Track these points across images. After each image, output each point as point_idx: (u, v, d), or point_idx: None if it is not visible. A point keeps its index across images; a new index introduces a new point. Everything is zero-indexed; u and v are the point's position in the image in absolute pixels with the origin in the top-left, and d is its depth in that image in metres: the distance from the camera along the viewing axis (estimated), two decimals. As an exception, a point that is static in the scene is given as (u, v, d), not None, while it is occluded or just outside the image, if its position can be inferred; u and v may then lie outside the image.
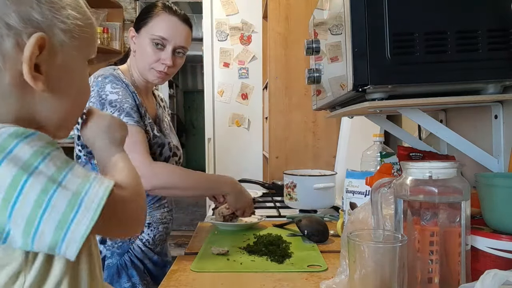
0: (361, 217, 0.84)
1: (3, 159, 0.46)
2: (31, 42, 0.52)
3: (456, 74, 0.83)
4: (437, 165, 0.69)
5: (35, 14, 0.53)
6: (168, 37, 1.24)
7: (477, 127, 1.08)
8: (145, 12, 1.27)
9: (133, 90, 1.24)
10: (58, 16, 0.56)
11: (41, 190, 0.47)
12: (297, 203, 1.60)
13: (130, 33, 1.30)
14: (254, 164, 3.34)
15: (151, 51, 1.24)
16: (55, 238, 0.48)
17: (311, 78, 1.18)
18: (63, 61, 0.57)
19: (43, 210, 0.47)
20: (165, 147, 1.29)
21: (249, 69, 3.36)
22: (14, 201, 0.46)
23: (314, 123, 2.28)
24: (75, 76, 0.61)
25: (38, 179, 0.47)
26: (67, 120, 0.62)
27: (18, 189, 0.46)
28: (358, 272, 0.66)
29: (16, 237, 0.47)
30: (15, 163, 0.47)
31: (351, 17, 0.83)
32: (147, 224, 1.27)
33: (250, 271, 0.97)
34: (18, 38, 0.52)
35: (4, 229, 0.47)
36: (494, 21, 0.82)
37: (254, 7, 3.30)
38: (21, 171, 0.47)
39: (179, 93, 8.28)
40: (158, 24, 1.24)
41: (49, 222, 0.47)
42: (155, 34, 1.23)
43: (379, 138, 1.34)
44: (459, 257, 0.68)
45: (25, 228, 0.47)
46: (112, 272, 1.20)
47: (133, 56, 1.29)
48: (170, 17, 1.25)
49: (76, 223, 0.48)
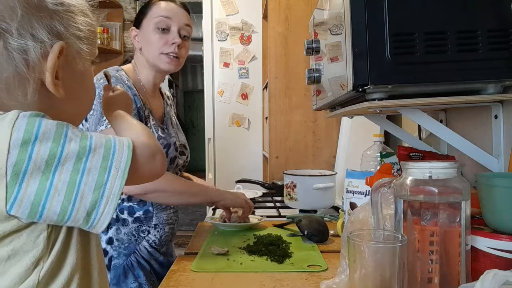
0: (361, 217, 0.84)
1: (36, 138, 0.49)
2: (54, 51, 0.54)
3: (456, 74, 0.83)
4: (437, 165, 0.69)
5: (57, 24, 0.55)
6: (171, 16, 1.27)
7: (477, 127, 1.08)
8: (142, 8, 1.31)
9: (135, 93, 1.24)
10: (75, 25, 0.58)
11: (77, 157, 0.51)
12: (297, 203, 1.60)
13: (132, 32, 1.31)
14: (254, 164, 3.34)
15: (158, 36, 1.26)
16: (94, 198, 0.52)
17: (311, 78, 1.18)
18: (78, 67, 0.60)
19: (80, 175, 0.51)
20: (170, 148, 1.29)
21: (249, 69, 3.36)
22: (53, 172, 0.50)
23: (314, 123, 2.28)
24: (87, 79, 0.64)
25: (70, 147, 0.51)
26: (76, 119, 0.66)
27: (56, 160, 0.50)
28: (358, 272, 0.66)
29: (55, 207, 0.50)
30: (47, 138, 0.50)
31: (351, 17, 0.83)
32: (154, 225, 1.27)
33: (250, 271, 0.97)
34: (43, 48, 0.54)
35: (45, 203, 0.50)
36: (494, 21, 0.82)
37: (254, 7, 3.30)
38: (54, 143, 0.50)
39: (179, 93, 8.28)
40: (158, 8, 1.27)
41: (88, 184, 0.51)
42: (158, 16, 1.26)
43: (379, 138, 1.34)
44: (459, 257, 0.68)
45: (66, 193, 0.50)
46: (119, 273, 1.20)
47: (139, 53, 1.30)
48: (168, 3, 1.29)
49: (110, 182, 0.53)
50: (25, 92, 0.54)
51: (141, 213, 1.24)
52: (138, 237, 1.24)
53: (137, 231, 1.24)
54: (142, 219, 1.25)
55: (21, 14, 0.52)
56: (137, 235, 1.24)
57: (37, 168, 0.49)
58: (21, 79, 0.53)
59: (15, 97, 0.54)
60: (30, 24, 0.53)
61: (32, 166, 0.49)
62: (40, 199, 0.49)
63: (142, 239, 1.25)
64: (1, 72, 0.52)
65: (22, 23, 0.52)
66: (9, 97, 0.54)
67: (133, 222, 1.23)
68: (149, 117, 1.26)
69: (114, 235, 1.21)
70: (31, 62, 0.53)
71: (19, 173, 0.48)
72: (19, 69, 0.53)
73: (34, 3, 0.53)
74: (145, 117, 1.24)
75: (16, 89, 0.54)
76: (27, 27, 0.52)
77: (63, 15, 0.56)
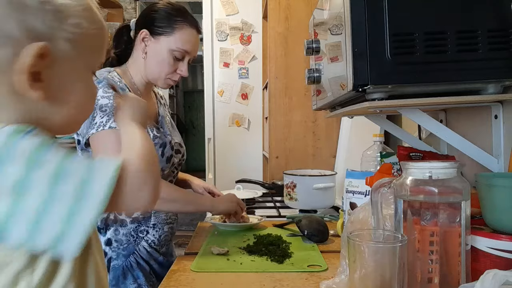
0: (361, 217, 0.84)
1: (8, 155, 0.47)
2: (28, 52, 0.51)
3: (456, 74, 0.83)
4: (437, 165, 0.69)
5: (38, 23, 0.52)
6: (190, 51, 1.26)
7: (477, 127, 1.08)
8: (165, 20, 1.24)
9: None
10: (63, 26, 0.54)
11: (48, 182, 0.47)
12: (297, 203, 1.60)
13: (142, 34, 1.24)
14: (254, 164, 3.34)
15: (171, 62, 1.24)
16: (61, 228, 0.48)
17: (311, 78, 1.18)
18: (65, 70, 0.56)
19: (49, 202, 0.47)
20: (166, 147, 1.28)
21: (249, 69, 3.36)
22: (20, 195, 0.47)
23: (314, 123, 2.28)
24: (77, 84, 0.59)
25: (43, 171, 0.48)
26: (70, 124, 0.62)
27: (25, 183, 0.47)
28: (358, 272, 0.66)
29: (19, 233, 0.47)
30: (21, 158, 0.47)
31: (351, 17, 0.83)
32: (152, 225, 1.27)
33: (250, 271, 0.97)
34: (16, 47, 0.51)
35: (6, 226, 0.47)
36: (494, 21, 0.82)
37: (254, 7, 3.30)
38: (27, 165, 0.47)
39: (179, 93, 8.28)
40: (182, 38, 1.24)
41: (54, 213, 0.47)
42: (180, 48, 1.24)
43: (379, 138, 1.34)
44: (459, 257, 0.68)
45: (30, 219, 0.47)
46: (118, 274, 1.20)
47: (143, 59, 1.26)
48: (191, 31, 1.26)
49: (81, 214, 0.48)
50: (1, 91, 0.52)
51: (139, 213, 1.24)
52: (137, 237, 1.24)
53: (135, 232, 1.24)
54: (140, 219, 1.25)
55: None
56: (136, 235, 1.24)
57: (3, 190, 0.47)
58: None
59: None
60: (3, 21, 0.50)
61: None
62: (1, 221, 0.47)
63: (141, 239, 1.24)
64: None
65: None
66: None
67: (131, 223, 1.23)
68: None
69: (113, 236, 1.21)
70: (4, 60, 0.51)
71: None
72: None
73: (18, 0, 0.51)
74: None
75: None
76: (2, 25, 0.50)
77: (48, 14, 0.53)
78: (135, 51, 1.29)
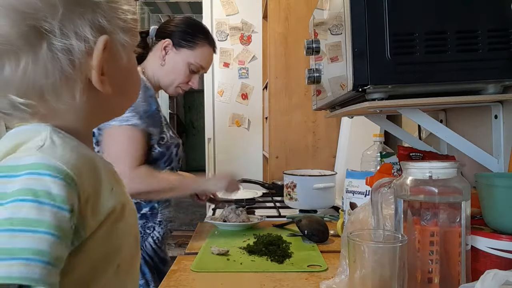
0: (361, 217, 0.84)
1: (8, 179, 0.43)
2: (98, 48, 0.50)
3: (456, 74, 0.83)
4: (437, 165, 0.69)
5: (100, 18, 0.51)
6: (205, 67, 1.36)
7: (477, 127, 1.08)
8: (190, 35, 1.32)
9: (151, 94, 1.25)
10: (119, 16, 0.54)
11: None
12: (297, 203, 1.60)
13: (165, 42, 1.31)
14: (254, 164, 3.34)
15: (187, 73, 1.33)
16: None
17: (311, 78, 1.18)
18: (124, 61, 0.56)
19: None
20: (180, 147, 1.34)
21: (249, 69, 3.36)
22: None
23: (314, 123, 2.28)
24: (133, 72, 0.60)
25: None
26: (123, 112, 0.63)
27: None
28: (358, 272, 0.66)
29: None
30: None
31: (351, 17, 0.83)
32: (158, 222, 1.30)
33: (250, 271, 0.97)
34: (88, 45, 0.50)
35: None
36: (494, 21, 0.82)
37: (254, 7, 3.29)
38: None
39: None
40: (201, 54, 1.33)
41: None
42: (197, 63, 1.32)
43: (379, 138, 1.34)
44: (459, 257, 0.68)
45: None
46: None
47: (160, 65, 1.32)
48: (210, 50, 1.35)
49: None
50: (72, 94, 0.50)
51: (147, 210, 1.27)
52: (144, 233, 1.27)
53: (143, 228, 1.27)
54: (148, 216, 1.28)
55: (63, 12, 0.48)
56: (143, 231, 1.27)
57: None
58: (68, 80, 0.50)
59: (64, 100, 0.50)
60: (72, 22, 0.49)
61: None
62: None
63: (148, 235, 1.27)
64: (47, 75, 0.48)
65: (64, 21, 0.48)
66: (57, 100, 0.50)
67: (139, 219, 1.26)
68: (162, 118, 1.29)
69: None
70: (77, 61, 0.49)
71: None
72: (65, 71, 0.49)
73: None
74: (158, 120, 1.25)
75: (64, 91, 0.50)
76: (69, 25, 0.48)
77: (106, 7, 0.52)
78: (152, 56, 1.34)
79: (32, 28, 0.46)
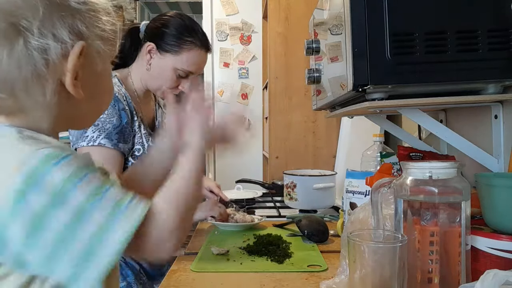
0: (361, 217, 0.84)
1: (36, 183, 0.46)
2: (75, 51, 0.53)
3: (456, 74, 0.83)
4: (437, 165, 0.69)
5: (79, 23, 0.54)
6: (195, 71, 1.25)
7: (477, 127, 1.08)
8: (175, 38, 1.22)
9: (123, 107, 1.18)
10: (98, 24, 0.56)
11: (66, 223, 0.47)
12: (297, 203, 1.60)
13: (148, 47, 1.23)
14: (254, 164, 3.34)
15: (174, 79, 1.24)
16: (71, 274, 0.47)
17: (311, 78, 1.18)
18: (98, 67, 0.58)
19: (65, 241, 0.47)
20: None
21: (249, 69, 3.36)
22: (38, 231, 0.46)
23: (314, 123, 2.28)
24: (105, 80, 0.62)
25: (64, 211, 0.47)
26: (93, 119, 0.65)
27: (45, 219, 0.46)
28: (358, 272, 0.66)
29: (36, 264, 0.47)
30: (46, 190, 0.46)
31: (351, 17, 0.83)
32: None
33: (250, 271, 0.97)
34: (64, 48, 0.52)
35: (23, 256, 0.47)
36: (494, 21, 0.82)
37: (254, 7, 3.30)
38: (50, 200, 0.46)
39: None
40: (188, 60, 1.23)
41: (69, 255, 0.47)
42: (184, 69, 1.23)
43: (379, 138, 1.34)
44: (459, 257, 0.68)
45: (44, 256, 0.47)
46: None
47: (147, 70, 1.25)
48: (199, 52, 1.24)
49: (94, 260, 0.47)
50: (43, 92, 0.52)
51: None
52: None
53: None
54: None
55: (43, 13, 0.50)
56: None
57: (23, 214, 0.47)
58: (40, 79, 0.52)
59: (33, 97, 0.52)
60: (51, 23, 0.51)
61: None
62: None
63: None
64: (20, 71, 0.50)
65: (43, 22, 0.50)
66: (27, 97, 0.52)
67: None
68: (140, 127, 1.24)
69: None
70: (51, 62, 0.51)
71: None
72: (38, 69, 0.51)
73: (57, 1, 0.52)
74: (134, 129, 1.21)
75: (35, 89, 0.52)
76: (48, 26, 0.51)
77: (86, 14, 0.54)
78: (140, 58, 1.28)
79: (11, 25, 0.49)
